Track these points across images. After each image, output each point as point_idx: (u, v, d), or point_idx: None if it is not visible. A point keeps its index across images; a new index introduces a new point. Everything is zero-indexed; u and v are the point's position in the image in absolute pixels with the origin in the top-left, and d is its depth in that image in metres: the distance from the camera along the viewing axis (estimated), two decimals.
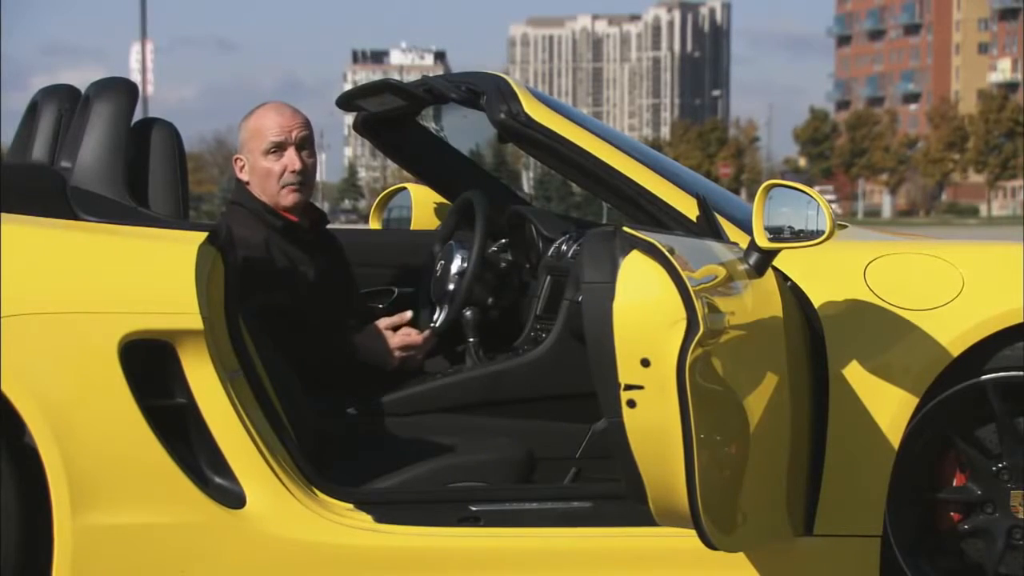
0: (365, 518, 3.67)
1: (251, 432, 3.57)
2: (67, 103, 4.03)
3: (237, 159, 4.28)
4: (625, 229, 3.33)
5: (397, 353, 4.27)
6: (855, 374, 3.75)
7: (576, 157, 3.98)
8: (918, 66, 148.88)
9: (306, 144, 4.25)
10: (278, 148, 4.21)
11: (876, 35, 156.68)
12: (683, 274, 3.27)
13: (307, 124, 4.28)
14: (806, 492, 3.76)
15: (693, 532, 3.35)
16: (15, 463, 3.48)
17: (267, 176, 4.21)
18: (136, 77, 43.09)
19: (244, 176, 4.26)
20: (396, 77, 8.01)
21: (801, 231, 3.61)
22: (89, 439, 3.45)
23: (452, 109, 4.71)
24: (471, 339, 4.47)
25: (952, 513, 3.89)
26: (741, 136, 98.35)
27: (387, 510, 3.70)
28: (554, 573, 3.71)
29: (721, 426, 3.41)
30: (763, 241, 3.60)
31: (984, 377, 3.81)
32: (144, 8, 42.65)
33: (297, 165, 4.21)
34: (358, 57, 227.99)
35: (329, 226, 4.52)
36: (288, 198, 4.23)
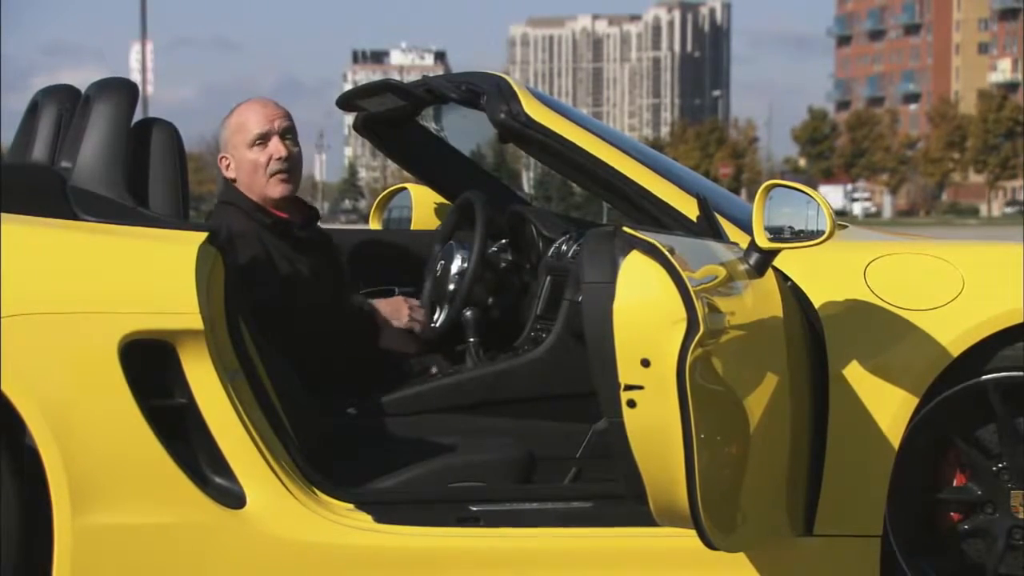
0: (365, 518, 3.67)
1: (251, 432, 3.57)
2: (67, 103, 4.03)
3: (222, 158, 4.30)
4: (625, 229, 3.33)
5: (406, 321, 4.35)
6: (855, 374, 3.75)
7: (576, 157, 3.98)
8: (918, 66, 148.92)
9: (289, 133, 4.28)
10: (262, 139, 4.23)
11: (876, 35, 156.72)
12: (683, 274, 3.27)
13: (288, 114, 4.31)
14: (806, 492, 3.76)
15: (693, 532, 3.34)
16: (15, 463, 3.48)
17: (254, 168, 4.23)
18: (136, 77, 43.09)
19: (231, 174, 4.28)
20: (396, 77, 8.01)
21: (801, 231, 3.61)
22: (89, 439, 3.45)
23: (452, 109, 4.71)
24: (471, 339, 4.47)
25: (952, 513, 3.89)
26: (741, 136, 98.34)
27: (387, 510, 3.70)
28: (554, 573, 3.71)
29: (721, 426, 3.41)
30: (763, 241, 3.60)
31: (984, 377, 3.81)
32: (144, 8, 42.68)
33: (283, 152, 4.23)
34: (358, 57, 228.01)
35: (328, 226, 4.52)
36: (276, 188, 4.24)
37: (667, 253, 3.28)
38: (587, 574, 3.73)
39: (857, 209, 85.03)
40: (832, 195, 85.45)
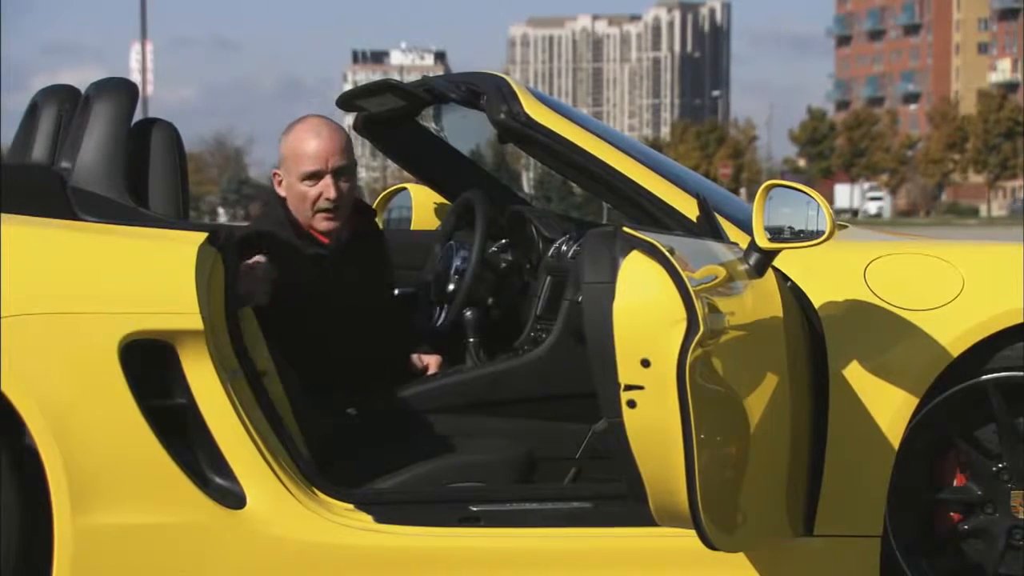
0: (365, 518, 3.67)
1: (251, 432, 3.57)
2: (67, 103, 4.03)
3: (275, 174, 4.21)
4: (625, 229, 3.33)
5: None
6: (855, 374, 3.75)
7: (576, 157, 3.98)
8: (918, 66, 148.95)
9: (344, 171, 4.16)
10: (314, 176, 4.15)
11: (876, 35, 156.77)
12: (683, 274, 3.27)
13: (347, 148, 4.17)
14: (806, 492, 3.76)
15: (693, 532, 3.35)
16: (15, 463, 3.48)
17: (302, 199, 4.15)
18: (136, 77, 43.09)
19: (281, 191, 4.20)
20: (396, 77, 8.00)
21: (801, 231, 3.61)
22: (89, 439, 3.45)
23: (452, 109, 4.71)
24: (471, 339, 4.47)
25: (952, 513, 3.89)
26: (740, 136, 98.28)
27: (387, 510, 3.70)
28: (554, 573, 3.71)
29: (721, 426, 3.41)
30: (763, 241, 3.60)
31: (984, 377, 3.81)
32: (144, 8, 42.67)
33: (332, 194, 4.13)
34: (358, 57, 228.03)
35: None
36: (322, 224, 4.17)
37: (667, 253, 3.28)
38: (587, 574, 3.73)
39: (873, 208, 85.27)
40: (844, 195, 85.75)
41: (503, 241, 4.67)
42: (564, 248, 4.47)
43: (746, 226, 3.76)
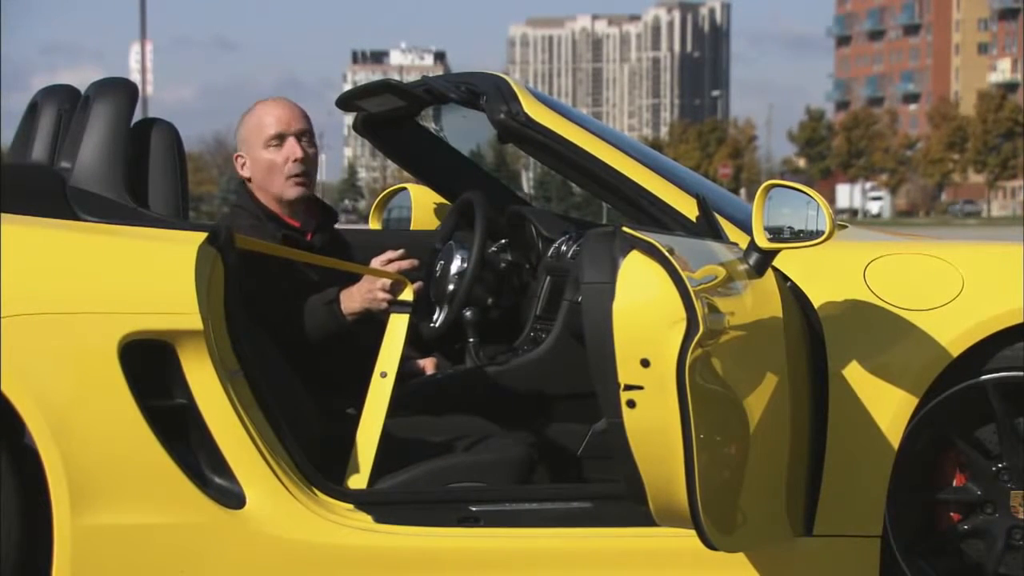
0: (365, 518, 3.67)
1: (251, 432, 3.57)
2: (67, 103, 4.03)
3: (238, 157, 4.23)
4: (625, 229, 3.33)
5: (380, 295, 4.02)
6: (855, 374, 3.75)
7: (576, 157, 3.97)
8: (918, 66, 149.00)
9: (305, 135, 4.20)
10: (278, 140, 4.16)
11: (876, 35, 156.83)
12: (683, 274, 3.27)
13: (305, 116, 4.24)
14: (806, 492, 3.76)
15: (693, 532, 3.35)
16: (15, 463, 3.48)
17: (270, 169, 4.17)
18: (136, 77, 43.11)
19: (245, 173, 4.21)
20: (396, 77, 8.00)
21: (801, 231, 3.61)
22: (89, 439, 3.45)
23: (452, 109, 4.71)
24: (471, 339, 4.47)
25: (952, 513, 3.89)
26: (740, 136, 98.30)
27: (387, 510, 3.70)
28: (554, 573, 3.71)
29: (721, 426, 3.41)
30: (763, 241, 3.60)
31: (984, 377, 3.81)
32: (144, 8, 42.68)
33: (299, 153, 4.15)
34: (358, 57, 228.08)
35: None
36: (292, 190, 4.17)
37: (667, 253, 3.28)
38: (587, 574, 3.73)
39: (875, 208, 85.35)
40: (845, 195, 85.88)
41: (503, 241, 4.67)
42: (564, 248, 4.47)
43: (746, 226, 3.76)
